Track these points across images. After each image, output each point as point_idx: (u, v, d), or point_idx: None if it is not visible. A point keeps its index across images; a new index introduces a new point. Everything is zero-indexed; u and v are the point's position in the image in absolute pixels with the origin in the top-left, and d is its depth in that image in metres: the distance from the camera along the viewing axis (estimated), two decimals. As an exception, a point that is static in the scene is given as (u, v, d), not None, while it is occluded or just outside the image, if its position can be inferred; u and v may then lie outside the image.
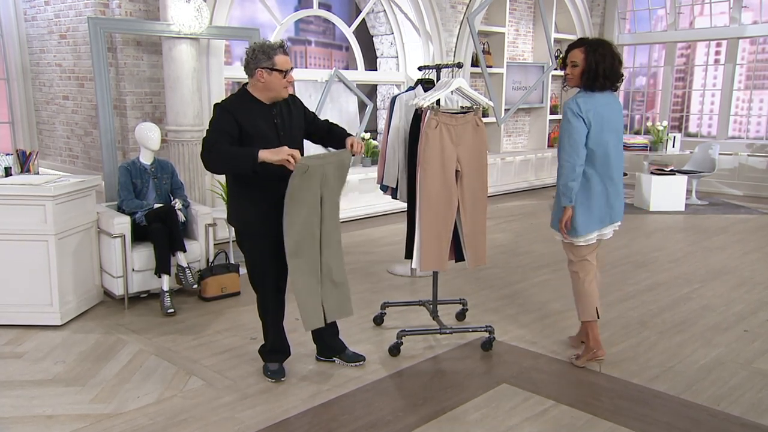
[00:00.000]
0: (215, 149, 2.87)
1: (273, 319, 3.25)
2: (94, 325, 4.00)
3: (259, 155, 2.78)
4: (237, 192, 3.11)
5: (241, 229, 3.16)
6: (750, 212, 8.01)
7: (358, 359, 3.45)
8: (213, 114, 2.99)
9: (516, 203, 8.56)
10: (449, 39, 8.16)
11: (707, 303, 4.50)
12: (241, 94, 3.05)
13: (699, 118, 10.43)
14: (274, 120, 3.02)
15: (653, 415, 2.92)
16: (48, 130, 6.40)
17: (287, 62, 2.97)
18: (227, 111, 2.93)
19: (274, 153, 2.79)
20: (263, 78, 2.94)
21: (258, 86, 2.99)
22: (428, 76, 4.02)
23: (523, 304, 4.45)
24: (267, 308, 3.24)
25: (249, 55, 2.96)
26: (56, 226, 3.88)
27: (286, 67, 2.95)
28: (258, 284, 3.21)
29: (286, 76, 2.96)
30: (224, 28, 5.70)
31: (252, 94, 3.01)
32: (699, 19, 10.13)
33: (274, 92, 2.99)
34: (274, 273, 3.16)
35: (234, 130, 2.91)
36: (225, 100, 3.04)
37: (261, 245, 3.10)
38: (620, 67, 3.26)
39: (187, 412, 2.92)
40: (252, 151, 2.80)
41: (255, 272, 3.19)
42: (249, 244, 3.16)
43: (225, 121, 2.92)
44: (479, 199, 3.54)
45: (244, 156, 2.82)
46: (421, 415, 2.91)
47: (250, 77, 3.00)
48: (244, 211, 3.09)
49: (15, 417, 2.87)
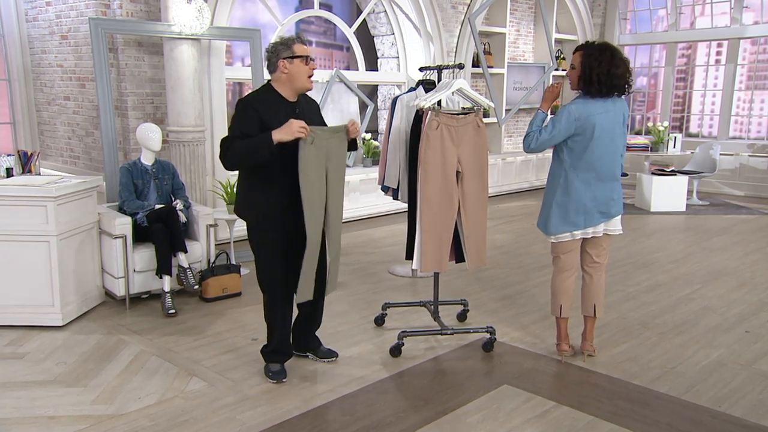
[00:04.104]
0: (231, 149, 2.92)
1: (282, 319, 3.24)
2: (95, 326, 4.01)
3: (273, 137, 2.83)
4: (249, 184, 3.11)
5: (253, 223, 3.14)
6: (751, 213, 8.01)
7: (331, 355, 3.47)
8: (235, 111, 3.01)
9: (516, 204, 8.56)
10: (450, 39, 8.16)
11: (708, 304, 4.50)
12: (265, 89, 3.07)
13: (700, 119, 10.43)
14: (297, 117, 3.03)
15: (654, 417, 2.92)
16: (49, 130, 6.40)
17: (307, 50, 3.02)
18: (250, 105, 2.97)
19: (285, 131, 2.83)
20: (286, 68, 2.98)
21: (282, 79, 3.02)
22: (429, 77, 4.02)
23: (524, 305, 4.45)
24: (275, 308, 3.22)
25: (270, 50, 3.02)
26: (58, 227, 3.88)
27: (306, 53, 3.00)
28: (266, 282, 3.19)
29: (308, 63, 3.00)
30: (225, 28, 5.71)
31: (276, 90, 3.05)
32: (700, 19, 10.13)
33: (299, 82, 3.02)
34: (283, 270, 3.15)
35: (254, 129, 2.92)
36: (249, 95, 3.08)
37: (273, 240, 3.09)
38: (621, 73, 3.20)
39: (188, 413, 2.92)
40: (265, 136, 2.84)
41: (264, 269, 3.17)
42: (260, 238, 3.13)
43: (246, 119, 2.94)
44: (480, 200, 3.54)
45: (259, 144, 2.86)
46: (423, 416, 2.91)
47: (273, 72, 3.04)
48: (257, 203, 3.08)
49: (17, 418, 2.87)
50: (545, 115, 3.35)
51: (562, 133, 3.24)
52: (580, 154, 3.25)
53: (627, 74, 3.25)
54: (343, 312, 4.22)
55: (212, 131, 5.91)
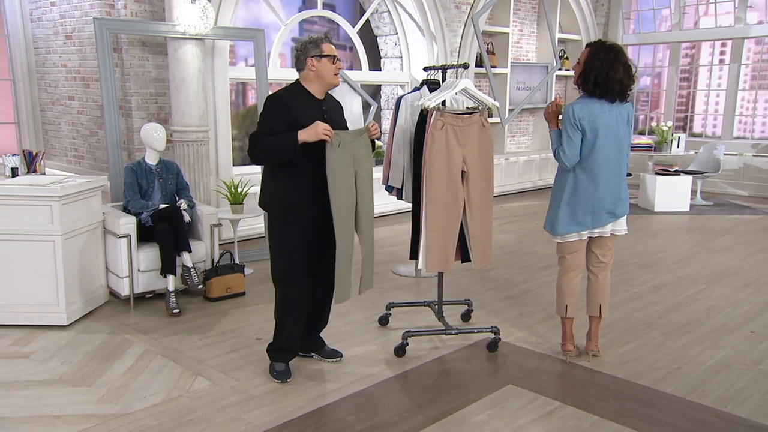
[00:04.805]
0: (258, 145, 3.00)
1: (296, 317, 3.23)
2: (100, 326, 4.01)
3: (299, 137, 2.91)
4: (275, 177, 3.13)
5: (277, 216, 3.15)
6: (755, 213, 7.99)
7: (336, 355, 3.49)
8: (264, 107, 3.08)
9: (520, 204, 8.55)
10: (453, 39, 8.16)
11: (713, 304, 4.49)
12: (294, 86, 3.15)
13: (704, 119, 10.41)
14: (324, 114, 3.10)
15: (660, 417, 2.92)
16: (53, 130, 6.41)
17: (334, 50, 3.11)
18: (280, 101, 3.04)
19: (311, 133, 2.92)
20: (314, 66, 3.06)
21: (309, 77, 3.09)
22: (434, 76, 4.02)
23: (528, 305, 4.44)
24: (289, 304, 3.20)
25: (298, 48, 3.10)
26: (63, 227, 3.89)
27: (333, 53, 3.09)
28: (282, 277, 3.19)
29: (334, 62, 3.08)
30: (229, 28, 5.71)
31: (305, 87, 3.11)
32: (704, 19, 10.10)
33: (326, 79, 3.09)
34: (302, 265, 3.15)
35: (281, 126, 2.98)
36: (279, 91, 3.14)
37: (295, 233, 3.10)
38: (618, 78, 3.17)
39: (193, 413, 2.93)
40: (291, 136, 2.92)
41: (281, 263, 3.17)
42: (282, 231, 3.14)
43: (273, 116, 3.01)
44: (485, 200, 3.53)
45: (285, 143, 2.94)
46: (428, 416, 2.91)
47: (300, 70, 3.11)
48: (282, 196, 3.11)
49: (23, 417, 2.88)
50: (558, 130, 3.34)
51: (576, 134, 3.23)
52: (587, 154, 3.25)
53: (626, 80, 3.22)
54: (346, 312, 4.22)
55: (216, 131, 5.92)
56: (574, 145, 3.24)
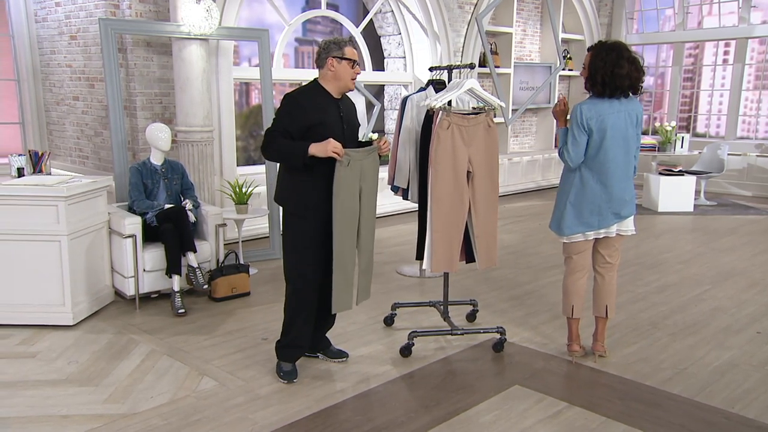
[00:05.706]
0: (271, 144, 3.06)
1: (307, 313, 3.23)
2: (105, 325, 4.02)
3: (309, 150, 2.96)
4: (290, 172, 3.15)
5: (292, 210, 3.17)
6: (759, 213, 7.98)
7: (342, 356, 3.50)
8: (280, 105, 3.11)
9: (523, 204, 8.55)
10: (457, 39, 8.16)
11: (718, 304, 4.48)
12: (312, 85, 3.19)
13: (707, 119, 10.40)
14: (340, 113, 3.16)
15: (667, 418, 2.91)
16: (58, 130, 6.42)
17: (355, 54, 3.17)
18: (296, 102, 3.08)
19: (321, 149, 2.95)
20: (333, 67, 3.10)
21: (328, 76, 3.13)
22: (439, 76, 4.01)
23: (533, 305, 4.44)
24: (300, 300, 3.20)
25: (322, 47, 3.14)
26: (69, 227, 3.89)
27: (354, 58, 3.15)
28: (294, 272, 3.20)
29: (354, 67, 3.14)
30: (233, 28, 5.71)
31: (322, 86, 3.15)
32: (707, 18, 10.09)
33: (343, 81, 3.15)
34: (315, 261, 3.16)
35: (295, 127, 3.03)
36: (296, 90, 3.18)
37: (309, 228, 3.12)
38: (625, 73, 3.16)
39: (200, 413, 2.93)
40: (303, 147, 2.97)
41: (294, 258, 3.19)
42: (296, 226, 3.16)
43: (289, 116, 3.05)
44: (491, 200, 3.54)
45: (295, 154, 3.00)
46: (434, 417, 2.91)
47: (320, 68, 3.15)
48: (297, 191, 3.13)
49: (31, 417, 2.88)
50: (565, 129, 3.35)
51: (582, 135, 3.23)
52: (593, 154, 3.25)
53: (634, 74, 3.20)
54: (352, 312, 4.20)
55: (220, 131, 5.92)
56: (579, 146, 3.24)
